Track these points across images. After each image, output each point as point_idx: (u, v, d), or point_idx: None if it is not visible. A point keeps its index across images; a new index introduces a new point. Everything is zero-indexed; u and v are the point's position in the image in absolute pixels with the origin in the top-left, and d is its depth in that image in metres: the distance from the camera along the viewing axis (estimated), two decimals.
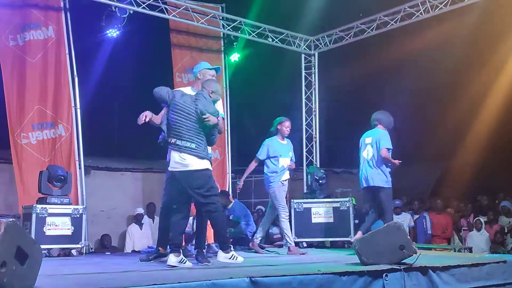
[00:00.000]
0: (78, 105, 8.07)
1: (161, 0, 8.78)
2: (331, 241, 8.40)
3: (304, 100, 10.67)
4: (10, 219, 3.02)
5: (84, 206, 7.04)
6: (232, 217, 8.26)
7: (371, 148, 6.70)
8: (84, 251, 6.98)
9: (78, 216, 6.75)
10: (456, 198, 11.33)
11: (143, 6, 8.53)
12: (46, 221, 6.47)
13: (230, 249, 5.00)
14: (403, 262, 4.47)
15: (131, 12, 8.43)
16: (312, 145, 10.48)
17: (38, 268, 3.24)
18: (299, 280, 3.72)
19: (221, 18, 9.76)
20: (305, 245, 7.97)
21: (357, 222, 7.87)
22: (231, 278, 3.50)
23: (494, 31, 10.33)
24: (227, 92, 10.10)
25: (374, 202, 6.74)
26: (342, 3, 9.81)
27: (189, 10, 9.20)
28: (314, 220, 7.88)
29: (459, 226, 10.26)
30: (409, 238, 4.68)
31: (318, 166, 9.91)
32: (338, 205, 7.88)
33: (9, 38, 7.75)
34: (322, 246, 8.42)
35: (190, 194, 4.94)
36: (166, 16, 8.98)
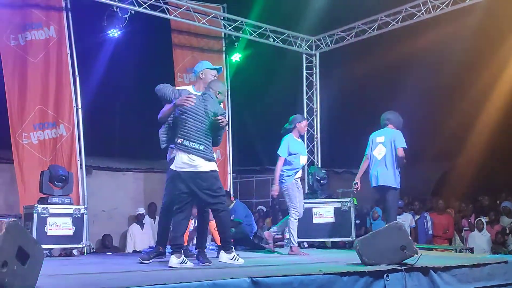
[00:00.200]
0: (79, 105, 8.06)
1: (162, 0, 8.79)
2: (332, 241, 8.39)
3: (305, 100, 10.66)
4: (12, 219, 3.02)
5: (85, 206, 7.02)
6: (233, 217, 8.24)
7: (383, 147, 6.64)
8: (85, 251, 6.96)
9: (79, 216, 6.73)
10: (457, 199, 11.30)
11: (145, 6, 8.53)
12: (47, 221, 6.45)
13: (232, 249, 5.01)
14: (404, 262, 4.46)
15: (133, 12, 8.45)
16: (313, 145, 10.47)
17: (39, 268, 3.24)
18: (300, 280, 3.72)
19: (222, 18, 9.76)
20: (306, 245, 7.96)
21: (358, 222, 7.86)
22: (232, 278, 3.50)
23: (496, 32, 10.33)
24: (229, 92, 10.10)
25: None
26: (343, 3, 9.81)
27: (190, 10, 9.20)
28: (315, 220, 7.87)
29: (460, 227, 10.24)
30: (410, 238, 4.67)
31: (320, 166, 9.92)
32: (339, 205, 7.87)
33: (10, 38, 7.74)
34: (323, 246, 8.41)
35: (198, 194, 4.91)
36: (167, 16, 8.99)
